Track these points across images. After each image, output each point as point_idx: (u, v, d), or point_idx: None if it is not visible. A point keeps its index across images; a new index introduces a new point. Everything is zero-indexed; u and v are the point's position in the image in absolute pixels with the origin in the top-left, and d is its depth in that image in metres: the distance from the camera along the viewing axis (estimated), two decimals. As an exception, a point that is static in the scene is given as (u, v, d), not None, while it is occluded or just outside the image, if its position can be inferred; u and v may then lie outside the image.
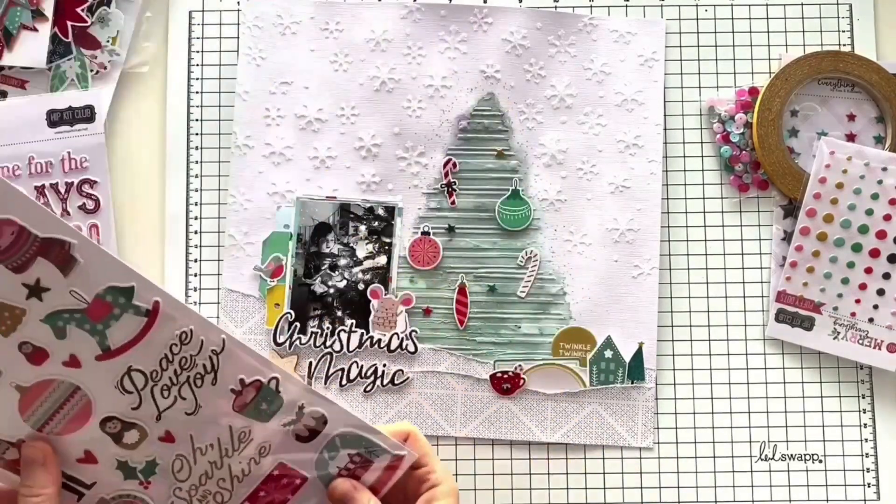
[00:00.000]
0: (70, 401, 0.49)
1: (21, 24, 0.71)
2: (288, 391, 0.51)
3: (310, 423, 0.52)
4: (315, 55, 0.71)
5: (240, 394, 0.51)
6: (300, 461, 0.53)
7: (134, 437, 0.50)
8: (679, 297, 0.71)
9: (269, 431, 0.52)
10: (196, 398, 0.50)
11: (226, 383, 0.50)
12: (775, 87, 0.71)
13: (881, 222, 0.69)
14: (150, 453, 0.51)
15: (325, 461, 0.54)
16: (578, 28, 0.72)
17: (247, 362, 0.50)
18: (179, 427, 0.51)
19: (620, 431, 0.70)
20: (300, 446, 0.53)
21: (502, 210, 0.71)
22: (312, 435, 0.53)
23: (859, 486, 0.70)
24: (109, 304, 0.47)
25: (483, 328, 0.71)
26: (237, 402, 0.51)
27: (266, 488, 0.53)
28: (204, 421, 0.51)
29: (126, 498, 0.52)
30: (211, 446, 0.51)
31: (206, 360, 0.49)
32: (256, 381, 0.50)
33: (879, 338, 0.70)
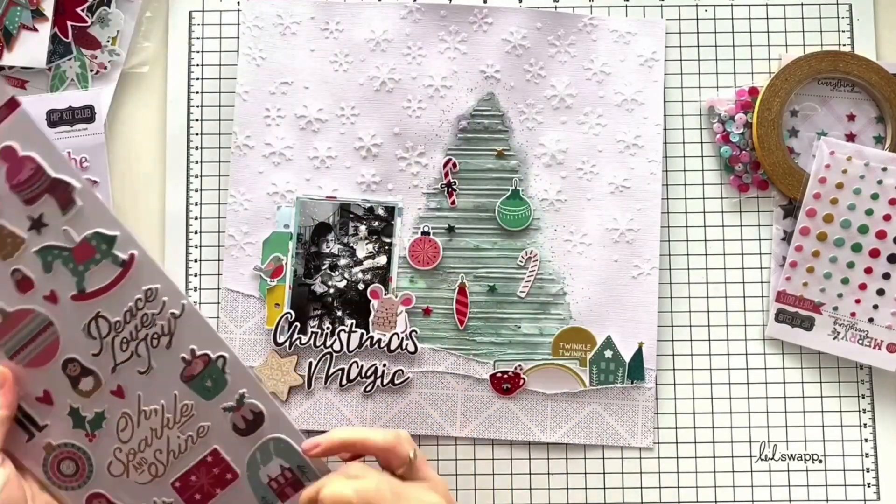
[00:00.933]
0: (42, 335, 0.53)
1: (21, 24, 0.71)
2: (233, 375, 0.54)
3: (248, 415, 0.55)
4: (315, 55, 0.71)
5: (189, 364, 0.54)
6: (234, 454, 0.55)
7: (89, 385, 0.54)
8: (679, 297, 0.71)
9: (210, 412, 0.55)
10: (150, 358, 0.54)
11: (178, 350, 0.53)
12: (775, 87, 0.71)
13: (881, 222, 0.69)
14: (100, 405, 0.54)
15: (256, 463, 0.56)
16: (578, 28, 0.72)
17: (201, 334, 0.54)
18: (131, 384, 0.54)
19: (620, 431, 0.70)
20: (236, 437, 0.55)
21: (502, 210, 0.71)
22: (249, 429, 0.55)
23: (859, 486, 0.70)
24: (94, 248, 0.52)
25: (483, 328, 0.71)
26: (186, 371, 0.54)
27: (197, 473, 0.55)
28: (153, 383, 0.54)
29: (70, 448, 0.54)
30: (155, 411, 0.54)
31: (165, 321, 0.53)
32: (205, 355, 0.54)
33: (879, 338, 0.70)
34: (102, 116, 0.71)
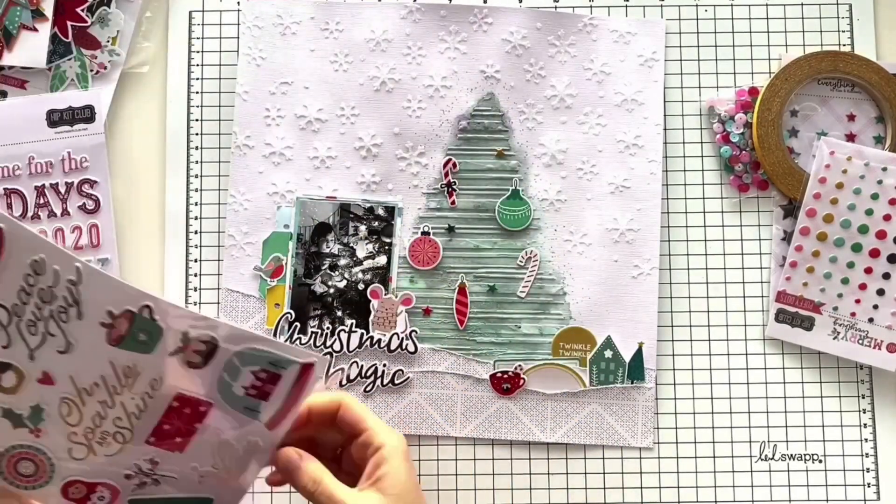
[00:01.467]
0: None
1: (21, 24, 0.71)
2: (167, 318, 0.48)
3: (200, 347, 0.49)
4: (315, 55, 0.71)
5: (112, 327, 0.48)
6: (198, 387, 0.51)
7: (11, 380, 0.49)
8: (679, 297, 0.71)
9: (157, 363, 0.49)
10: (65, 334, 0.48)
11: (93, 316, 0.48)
12: (775, 87, 0.71)
13: (881, 222, 0.69)
14: (32, 398, 0.49)
15: (227, 383, 0.51)
16: (578, 28, 0.72)
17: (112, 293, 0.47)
18: (57, 367, 0.49)
19: (620, 431, 0.70)
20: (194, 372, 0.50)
21: (502, 210, 0.71)
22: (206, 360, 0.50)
23: (859, 486, 0.70)
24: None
25: (483, 328, 0.71)
26: (112, 335, 0.48)
27: (168, 420, 0.51)
28: (81, 359, 0.49)
29: (20, 449, 0.51)
30: (97, 385, 0.49)
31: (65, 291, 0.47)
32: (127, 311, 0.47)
33: (879, 338, 0.70)
34: (102, 116, 0.71)
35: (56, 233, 0.69)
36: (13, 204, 0.68)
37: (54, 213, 0.69)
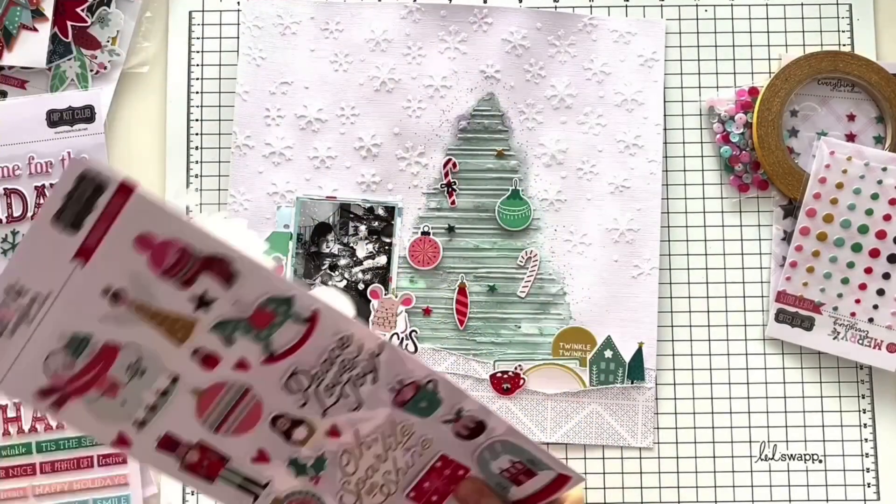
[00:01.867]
0: (241, 402, 0.51)
1: (21, 24, 0.71)
2: (446, 394, 0.53)
3: (469, 424, 0.54)
4: (315, 55, 0.71)
5: (399, 392, 0.53)
6: (461, 454, 0.55)
7: (302, 434, 0.53)
8: (679, 297, 0.71)
9: (430, 427, 0.54)
10: (358, 395, 0.52)
11: (385, 383, 0.52)
12: (775, 87, 0.71)
13: (881, 222, 0.69)
14: (318, 449, 0.53)
15: (485, 459, 0.55)
16: (578, 28, 0.72)
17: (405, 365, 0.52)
18: (345, 422, 0.53)
19: (620, 431, 0.70)
20: (460, 442, 0.54)
21: (502, 210, 0.71)
22: (472, 435, 0.54)
23: (859, 486, 0.70)
24: (271, 312, 0.49)
25: (483, 328, 0.71)
26: (397, 398, 0.53)
27: (430, 479, 0.55)
28: (367, 415, 0.53)
29: (298, 496, 0.54)
30: (376, 439, 0.54)
31: (365, 361, 0.52)
32: (413, 382, 0.52)
33: (879, 338, 0.70)
34: (102, 116, 0.71)
35: (56, 233, 0.69)
36: (13, 204, 0.68)
37: (54, 213, 0.69)
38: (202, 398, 0.51)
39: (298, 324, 0.50)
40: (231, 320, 0.49)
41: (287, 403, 0.52)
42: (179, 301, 0.48)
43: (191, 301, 0.48)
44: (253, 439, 0.52)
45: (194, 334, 0.49)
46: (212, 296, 0.48)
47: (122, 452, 0.52)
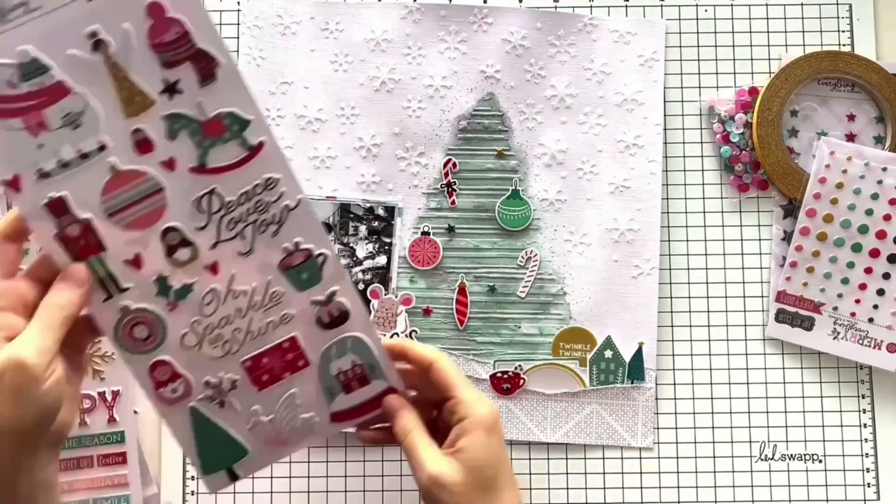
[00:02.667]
0: (149, 199, 0.52)
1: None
2: (329, 273, 0.55)
3: (334, 311, 0.56)
4: (315, 55, 0.71)
5: (290, 254, 0.54)
6: (310, 343, 0.56)
7: (185, 256, 0.53)
8: (679, 297, 0.71)
9: (298, 302, 0.55)
10: (253, 242, 0.54)
11: (283, 240, 0.54)
12: (775, 87, 0.71)
13: (881, 222, 0.69)
14: (191, 277, 0.54)
15: (330, 355, 0.57)
16: (578, 28, 0.72)
17: (309, 230, 0.54)
18: (227, 262, 0.54)
19: (620, 431, 0.70)
20: (317, 330, 0.56)
21: (502, 210, 0.71)
22: (332, 325, 0.56)
23: (859, 486, 0.70)
24: (225, 126, 0.51)
25: (483, 328, 0.71)
26: (285, 261, 0.54)
27: (271, 356, 0.56)
28: (251, 265, 0.54)
29: (147, 314, 0.54)
30: (245, 293, 0.54)
31: (278, 210, 0.53)
32: (307, 249, 0.54)
33: (879, 338, 0.70)
34: (102, 116, 0.71)
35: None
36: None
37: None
38: (116, 178, 0.51)
39: (242, 148, 0.52)
40: (185, 117, 0.51)
41: (188, 219, 0.53)
42: (152, 78, 0.50)
43: (162, 83, 0.50)
44: (137, 240, 0.52)
45: (146, 114, 0.50)
46: (182, 87, 0.50)
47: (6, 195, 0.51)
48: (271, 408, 0.57)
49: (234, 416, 0.57)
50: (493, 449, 0.55)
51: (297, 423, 0.58)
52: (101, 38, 0.48)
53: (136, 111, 0.50)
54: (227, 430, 0.57)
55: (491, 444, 0.55)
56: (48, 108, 0.49)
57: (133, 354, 0.55)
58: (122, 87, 0.50)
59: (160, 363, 0.55)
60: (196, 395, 0.56)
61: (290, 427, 0.58)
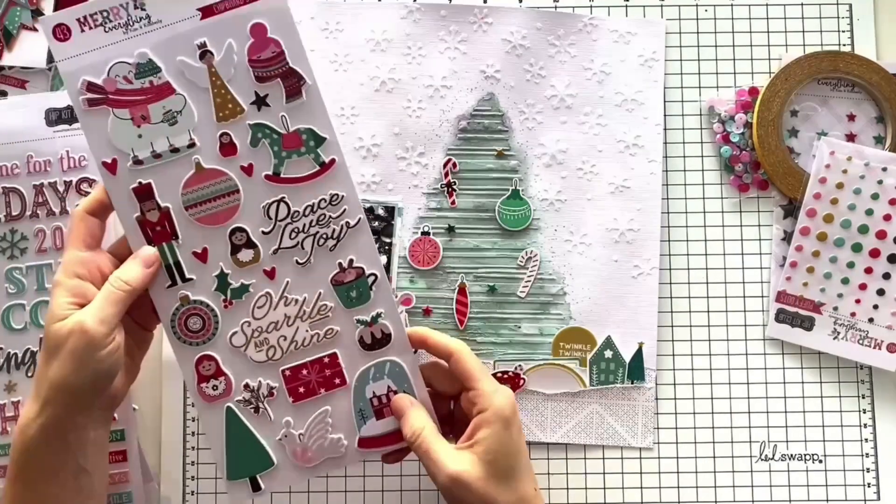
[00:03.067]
0: (224, 198, 0.57)
1: (21, 24, 0.71)
2: (378, 294, 0.58)
3: (377, 333, 0.58)
4: (315, 55, 0.71)
5: (343, 270, 0.58)
6: (349, 363, 0.59)
7: (248, 257, 0.57)
8: (679, 297, 0.71)
9: (344, 320, 0.58)
10: (311, 254, 0.57)
11: (339, 255, 0.58)
12: (775, 87, 0.71)
13: (881, 222, 0.69)
14: (249, 278, 0.57)
15: (367, 377, 0.59)
16: (578, 28, 0.72)
17: (364, 249, 0.58)
18: (285, 269, 0.58)
19: (620, 431, 0.70)
20: (358, 349, 0.59)
21: (502, 210, 0.71)
22: (373, 346, 0.59)
23: (859, 486, 0.70)
24: (302, 140, 0.57)
25: (483, 328, 0.70)
26: (337, 276, 0.58)
27: (310, 368, 0.59)
28: (305, 276, 0.58)
29: (203, 307, 0.58)
30: (296, 301, 0.58)
31: (338, 226, 0.57)
32: (360, 267, 0.58)
33: (879, 338, 0.70)
34: (102, 116, 0.71)
35: (55, 231, 0.69)
36: (12, 202, 0.68)
37: (53, 212, 0.69)
38: (199, 175, 0.57)
39: (314, 163, 0.57)
40: (269, 128, 0.57)
41: (256, 222, 0.57)
42: (246, 89, 0.56)
43: (254, 95, 0.56)
44: (207, 235, 0.57)
45: (235, 121, 0.56)
46: (270, 101, 0.56)
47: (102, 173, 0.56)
48: (303, 422, 0.59)
49: (267, 425, 0.59)
50: (511, 439, 0.56)
51: (326, 443, 0.59)
52: (208, 49, 0.55)
53: (227, 117, 0.56)
54: (257, 437, 0.59)
55: (510, 435, 0.56)
56: (153, 104, 0.56)
57: (184, 344, 0.58)
58: (219, 93, 0.56)
59: (206, 357, 0.58)
60: (234, 397, 0.58)
61: (318, 445, 0.59)
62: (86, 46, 0.55)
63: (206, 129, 0.56)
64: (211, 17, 0.55)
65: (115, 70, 0.55)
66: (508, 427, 0.55)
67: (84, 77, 0.55)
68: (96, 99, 0.55)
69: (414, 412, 0.57)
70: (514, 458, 0.56)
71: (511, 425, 0.56)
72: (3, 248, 0.68)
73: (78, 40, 0.55)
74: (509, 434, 0.55)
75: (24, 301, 0.68)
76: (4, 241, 0.68)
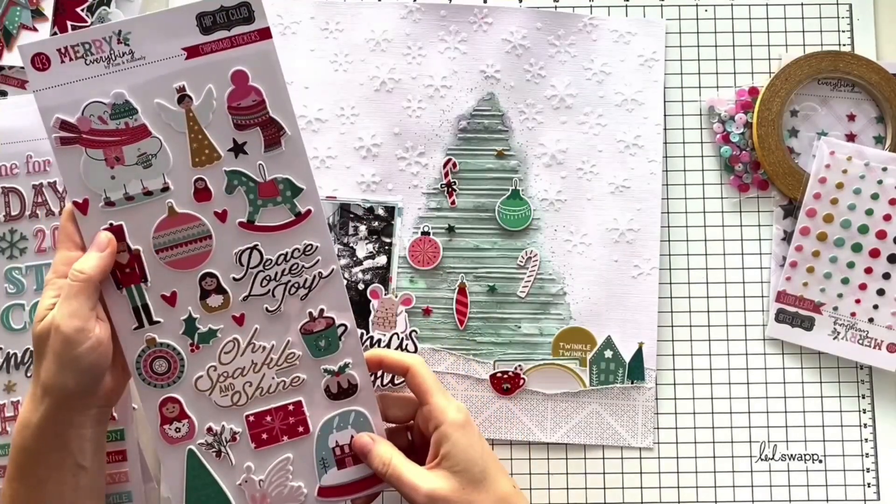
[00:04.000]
0: (196, 243, 0.56)
1: (21, 24, 0.71)
2: (346, 345, 0.58)
3: (344, 383, 0.58)
4: (315, 55, 0.71)
5: (313, 320, 0.57)
6: (314, 412, 0.58)
7: (217, 302, 0.57)
8: (679, 297, 0.71)
9: (311, 368, 0.58)
10: (282, 302, 0.57)
11: (310, 305, 0.57)
12: (775, 87, 0.71)
13: (881, 222, 0.69)
14: (217, 323, 0.57)
15: (331, 426, 0.59)
16: (578, 28, 0.72)
17: (335, 299, 0.58)
18: (254, 316, 0.57)
19: (620, 431, 0.70)
20: (324, 398, 0.58)
21: (502, 210, 0.71)
22: (339, 396, 0.59)
23: (859, 486, 0.70)
24: (279, 190, 0.56)
25: (483, 328, 0.70)
26: (307, 325, 0.57)
27: (274, 415, 0.58)
28: (274, 323, 0.57)
29: (170, 350, 0.57)
30: (263, 348, 0.57)
31: (311, 276, 0.57)
32: (330, 318, 0.58)
33: (879, 338, 0.70)
34: (102, 116, 0.71)
35: (54, 231, 0.68)
36: (11, 202, 0.68)
37: (52, 212, 0.69)
38: (171, 218, 0.56)
39: (290, 213, 0.57)
40: (245, 175, 0.56)
41: (227, 268, 0.57)
42: (224, 136, 0.55)
43: (232, 142, 0.55)
44: (177, 279, 0.56)
45: (211, 167, 0.56)
46: (248, 149, 0.56)
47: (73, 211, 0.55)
48: (264, 468, 0.59)
49: (228, 469, 0.58)
50: (474, 446, 0.57)
51: (285, 490, 0.59)
52: (187, 94, 0.54)
53: (203, 162, 0.55)
54: (218, 481, 0.59)
55: (472, 442, 0.57)
56: (127, 146, 0.55)
57: (148, 386, 0.57)
58: (196, 139, 0.55)
59: (171, 399, 0.57)
60: (197, 440, 0.58)
61: (278, 493, 0.59)
62: (65, 78, 0.54)
63: (180, 173, 0.55)
64: (196, 58, 0.54)
65: (90, 109, 0.54)
66: (468, 435, 0.57)
67: (58, 115, 0.54)
68: (69, 138, 0.54)
69: (379, 445, 0.58)
70: (483, 462, 0.57)
71: (470, 432, 0.57)
72: (3, 248, 0.68)
73: (57, 71, 0.53)
74: (470, 441, 0.57)
75: (23, 301, 0.68)
76: (4, 241, 0.68)
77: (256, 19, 0.54)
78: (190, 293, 0.56)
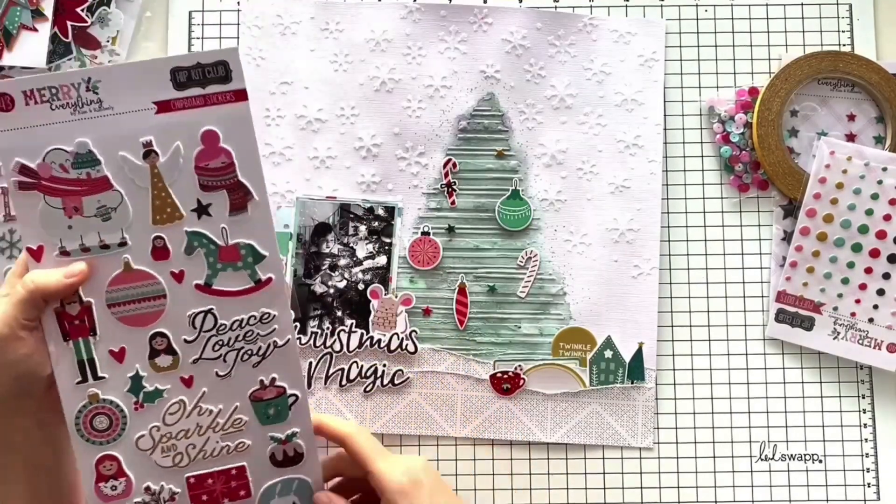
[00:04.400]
0: (150, 301, 0.55)
1: (21, 24, 0.71)
2: (295, 415, 0.57)
3: (290, 451, 0.58)
4: (315, 55, 0.71)
5: (264, 388, 0.56)
6: (257, 477, 0.58)
7: (166, 363, 0.55)
8: (679, 297, 0.71)
9: (257, 435, 0.57)
10: (233, 368, 0.56)
11: (261, 373, 0.56)
12: (775, 87, 0.71)
13: (881, 222, 0.69)
14: (164, 384, 0.56)
15: (273, 493, 0.58)
16: (578, 28, 0.72)
17: (288, 369, 0.56)
18: (203, 379, 0.56)
19: (620, 431, 0.70)
20: (268, 465, 0.58)
21: (502, 210, 0.71)
22: (283, 464, 0.58)
23: (859, 486, 0.70)
24: (240, 255, 0.55)
25: (483, 328, 0.71)
26: (256, 393, 0.56)
27: (216, 478, 0.57)
28: (224, 388, 0.56)
29: (113, 407, 0.56)
30: (210, 412, 0.56)
31: (265, 344, 0.56)
32: (282, 387, 0.56)
33: (879, 338, 0.70)
34: (102, 116, 0.71)
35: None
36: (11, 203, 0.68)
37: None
38: (127, 274, 0.54)
39: (250, 279, 0.55)
40: (207, 238, 0.54)
41: (179, 329, 0.55)
42: (188, 195, 0.54)
43: (196, 202, 0.54)
44: (127, 335, 0.55)
45: (172, 225, 0.54)
46: (212, 211, 0.54)
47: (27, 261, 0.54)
48: None
49: None
50: None
51: None
52: (154, 149, 0.53)
53: (164, 221, 0.54)
54: None
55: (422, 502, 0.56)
56: (87, 197, 0.53)
57: (86, 443, 0.56)
58: (159, 196, 0.54)
59: (109, 457, 0.56)
60: (133, 498, 0.57)
61: None
62: (28, 121, 0.52)
63: (140, 229, 0.54)
64: (167, 113, 0.52)
65: (51, 156, 0.52)
66: (417, 496, 0.56)
67: (18, 158, 0.52)
68: (28, 183, 0.52)
69: None
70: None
71: (418, 494, 0.56)
72: (2, 248, 0.68)
73: (21, 113, 0.51)
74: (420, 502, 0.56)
75: (24, 301, 0.68)
76: (3, 241, 0.68)
77: (234, 79, 0.52)
78: (139, 350, 0.55)
